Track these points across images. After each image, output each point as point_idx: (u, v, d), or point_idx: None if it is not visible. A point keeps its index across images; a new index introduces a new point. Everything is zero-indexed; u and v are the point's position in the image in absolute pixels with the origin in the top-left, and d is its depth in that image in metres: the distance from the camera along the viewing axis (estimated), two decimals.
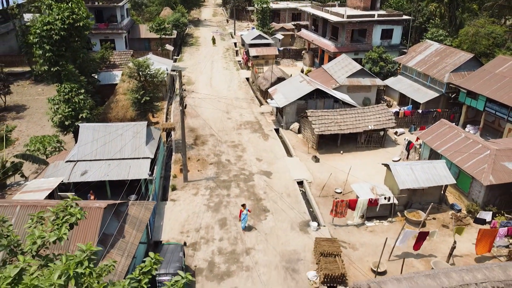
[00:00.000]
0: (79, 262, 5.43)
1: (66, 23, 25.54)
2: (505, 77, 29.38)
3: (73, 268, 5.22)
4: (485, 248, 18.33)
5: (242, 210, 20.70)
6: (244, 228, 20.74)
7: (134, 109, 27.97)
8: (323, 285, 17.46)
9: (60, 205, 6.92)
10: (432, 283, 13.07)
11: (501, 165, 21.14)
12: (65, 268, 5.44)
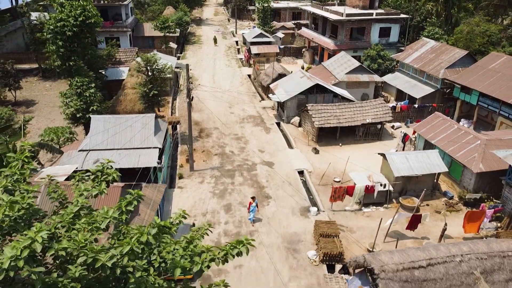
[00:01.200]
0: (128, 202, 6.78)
1: (78, 20, 26.82)
2: (497, 73, 30.65)
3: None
4: (473, 228, 19.59)
5: (251, 202, 21.20)
6: (251, 220, 21.34)
7: (142, 102, 29.23)
8: (322, 263, 18.72)
9: (98, 166, 8.17)
10: (422, 255, 14.33)
11: (490, 154, 22.38)
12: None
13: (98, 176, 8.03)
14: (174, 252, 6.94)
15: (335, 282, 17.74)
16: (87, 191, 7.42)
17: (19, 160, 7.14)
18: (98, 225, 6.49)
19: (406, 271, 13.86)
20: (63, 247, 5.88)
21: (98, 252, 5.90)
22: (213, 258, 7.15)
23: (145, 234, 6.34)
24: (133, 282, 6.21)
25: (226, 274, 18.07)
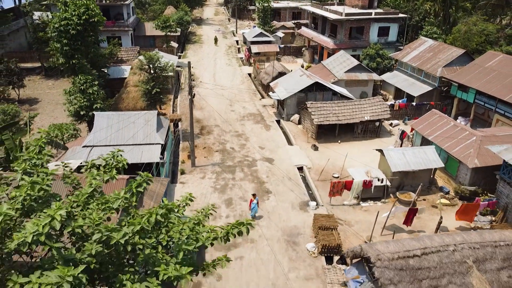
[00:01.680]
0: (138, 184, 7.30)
1: (82, 18, 27.34)
2: (493, 71, 31.17)
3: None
4: (466, 217, 20.12)
5: (252, 200, 21.60)
6: (253, 217, 21.58)
7: (144, 100, 29.75)
8: (321, 255, 19.23)
9: (109, 154, 8.70)
10: (416, 244, 14.86)
11: (486, 149, 22.88)
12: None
13: (109, 163, 8.55)
14: (182, 232, 7.44)
15: (333, 273, 18.25)
16: (99, 176, 7.93)
17: (36, 146, 7.66)
18: (111, 205, 7.00)
19: (401, 260, 14.38)
20: (79, 225, 6.40)
21: (111, 230, 6.42)
22: (216, 237, 7.65)
23: (154, 214, 6.86)
24: (143, 258, 6.73)
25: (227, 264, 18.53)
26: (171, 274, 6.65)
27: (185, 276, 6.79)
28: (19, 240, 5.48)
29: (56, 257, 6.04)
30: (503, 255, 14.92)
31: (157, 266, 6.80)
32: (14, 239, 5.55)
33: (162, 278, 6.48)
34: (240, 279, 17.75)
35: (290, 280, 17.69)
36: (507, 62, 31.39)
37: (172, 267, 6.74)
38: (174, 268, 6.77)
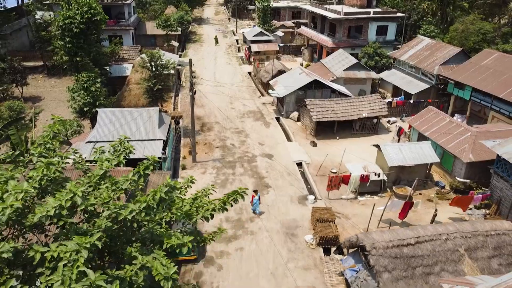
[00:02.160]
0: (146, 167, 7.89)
1: (85, 17, 27.88)
2: (489, 69, 31.69)
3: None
4: (460, 205, 20.72)
5: (254, 196, 21.84)
6: (256, 211, 21.89)
7: (146, 97, 30.30)
8: (319, 246, 19.77)
9: (117, 141, 9.25)
10: (410, 233, 15.40)
11: (480, 144, 23.39)
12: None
13: (117, 149, 9.10)
14: (182, 208, 8.00)
15: (330, 263, 18.80)
16: (108, 161, 8.47)
17: (51, 131, 8.21)
18: (120, 185, 7.55)
19: (395, 248, 14.92)
20: (91, 203, 6.94)
21: (120, 207, 6.96)
22: (214, 208, 8.20)
23: (158, 192, 7.41)
24: (147, 230, 7.29)
25: (227, 255, 19.12)
26: (173, 242, 7.20)
27: (186, 243, 7.30)
28: (42, 213, 6.01)
29: (70, 231, 6.58)
30: (494, 244, 15.46)
31: (161, 237, 7.36)
32: (36, 213, 6.08)
33: (165, 247, 7.04)
34: (240, 269, 18.28)
35: (289, 270, 18.22)
36: (503, 60, 31.92)
37: (174, 237, 7.29)
38: (176, 237, 7.32)
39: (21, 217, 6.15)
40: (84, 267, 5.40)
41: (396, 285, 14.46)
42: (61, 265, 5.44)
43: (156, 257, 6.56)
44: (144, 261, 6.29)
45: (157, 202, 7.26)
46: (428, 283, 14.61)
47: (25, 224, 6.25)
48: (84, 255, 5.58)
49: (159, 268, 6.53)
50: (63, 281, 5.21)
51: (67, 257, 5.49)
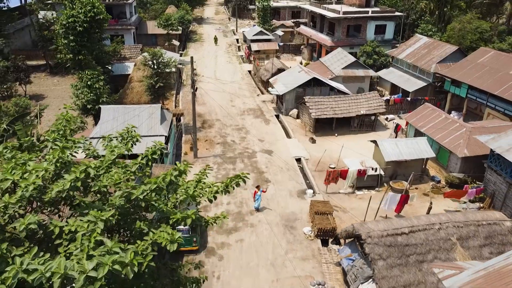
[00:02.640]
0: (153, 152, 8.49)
1: (88, 16, 28.46)
2: (485, 67, 32.27)
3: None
4: (454, 196, 21.36)
5: (256, 191, 22.12)
6: (257, 207, 22.28)
7: (148, 94, 30.87)
8: (317, 238, 20.34)
9: (125, 129, 9.82)
10: (404, 223, 15.97)
11: (475, 140, 23.97)
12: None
13: (125, 137, 9.69)
14: (187, 190, 8.58)
15: (328, 254, 19.36)
16: (117, 148, 9.04)
17: (63, 119, 8.79)
18: (130, 169, 8.13)
19: (390, 237, 15.49)
20: (104, 184, 7.52)
21: (132, 187, 7.55)
22: (217, 191, 8.77)
23: (168, 175, 7.99)
24: (155, 208, 7.89)
25: (228, 246, 19.69)
26: (178, 216, 7.78)
27: (190, 216, 7.85)
28: (59, 188, 6.58)
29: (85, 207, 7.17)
30: (485, 233, 16.02)
31: (167, 215, 7.94)
32: (54, 188, 6.65)
33: (171, 222, 7.63)
34: (240, 260, 18.85)
35: (287, 260, 18.79)
36: (498, 58, 32.49)
37: (179, 214, 7.87)
38: (182, 213, 7.91)
39: (40, 194, 6.72)
40: (101, 236, 5.97)
41: (390, 272, 15.03)
42: (79, 234, 5.99)
43: (163, 230, 7.12)
44: (155, 237, 6.87)
45: (167, 184, 7.83)
46: (421, 271, 15.17)
47: (44, 200, 6.81)
48: (100, 226, 6.13)
49: (165, 236, 7.11)
50: (82, 249, 5.77)
51: (85, 228, 6.05)
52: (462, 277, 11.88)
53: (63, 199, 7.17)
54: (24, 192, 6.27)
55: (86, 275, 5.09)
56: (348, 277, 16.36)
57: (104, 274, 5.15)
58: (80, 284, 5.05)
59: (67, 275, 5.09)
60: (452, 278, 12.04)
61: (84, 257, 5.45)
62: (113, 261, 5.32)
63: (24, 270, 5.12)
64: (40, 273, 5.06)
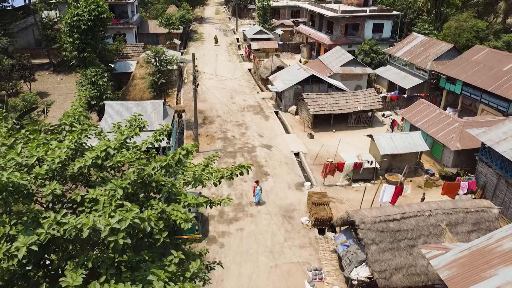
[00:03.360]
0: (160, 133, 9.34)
1: (92, 14, 29.31)
2: (479, 64, 33.08)
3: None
4: (449, 193, 22.06)
5: (255, 186, 22.84)
6: (257, 202, 22.98)
7: (151, 90, 31.72)
8: (314, 227, 21.17)
9: (133, 117, 10.66)
10: (396, 210, 16.81)
11: (467, 134, 24.77)
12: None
13: (133, 124, 10.52)
14: (195, 172, 9.40)
15: (325, 242, 20.20)
16: (126, 132, 9.87)
17: (79, 104, 9.63)
18: (140, 147, 8.97)
19: (382, 223, 16.32)
20: (118, 160, 8.35)
21: (144, 164, 8.39)
22: (222, 176, 9.59)
23: (178, 154, 8.84)
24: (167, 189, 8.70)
25: (229, 235, 20.53)
26: (190, 201, 8.59)
27: (201, 204, 8.70)
28: (81, 164, 7.42)
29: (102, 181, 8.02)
30: (473, 219, 16.85)
31: (178, 196, 8.76)
32: (76, 164, 7.47)
33: (182, 205, 8.42)
34: (240, 247, 19.69)
35: (286, 248, 19.63)
36: (492, 55, 33.30)
37: (190, 196, 8.70)
38: (192, 197, 8.73)
39: (63, 169, 7.53)
40: (120, 201, 6.79)
41: (382, 256, 15.87)
42: (102, 199, 6.82)
43: (174, 208, 7.95)
44: (163, 206, 7.69)
45: (176, 162, 8.67)
46: (412, 255, 16.01)
47: (66, 174, 7.63)
48: (120, 192, 6.96)
49: (179, 215, 7.94)
50: (104, 212, 6.58)
51: (106, 195, 6.88)
52: (447, 256, 12.71)
53: (82, 175, 8.00)
54: (51, 165, 7.10)
55: (111, 227, 5.93)
56: (343, 262, 17.19)
57: (126, 226, 5.98)
58: (105, 234, 5.89)
59: (95, 227, 5.93)
60: (438, 258, 12.87)
61: (107, 216, 6.29)
62: (133, 216, 6.16)
63: (57, 223, 5.95)
64: (72, 225, 5.89)
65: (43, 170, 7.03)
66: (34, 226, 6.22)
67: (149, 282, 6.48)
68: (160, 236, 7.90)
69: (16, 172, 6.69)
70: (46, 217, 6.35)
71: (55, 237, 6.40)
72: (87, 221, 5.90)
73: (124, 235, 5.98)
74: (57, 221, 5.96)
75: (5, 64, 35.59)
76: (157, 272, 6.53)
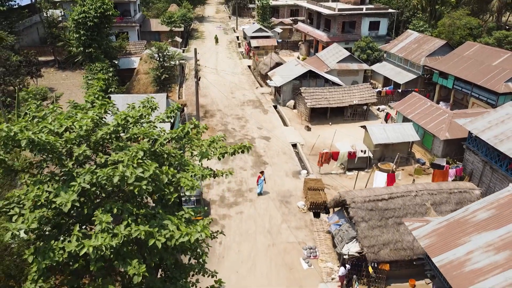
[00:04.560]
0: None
1: (98, 11, 30.62)
2: (470, 59, 34.36)
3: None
4: (439, 180, 23.35)
5: (260, 176, 23.66)
6: (259, 193, 23.73)
7: (154, 85, 33.02)
8: (310, 210, 22.47)
9: (146, 99, 11.96)
10: (385, 191, 18.10)
11: (456, 124, 26.06)
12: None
13: (146, 105, 11.83)
14: (201, 147, 10.70)
15: (319, 224, 21.49)
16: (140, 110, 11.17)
17: (97, 86, 10.92)
18: (153, 123, 10.29)
19: (371, 202, 17.61)
20: (134, 132, 9.66)
21: (157, 135, 9.70)
22: (226, 151, 10.88)
23: (186, 127, 10.13)
24: (178, 160, 10.01)
25: (229, 217, 21.83)
26: (197, 172, 9.90)
27: (206, 175, 10.01)
28: (104, 131, 8.71)
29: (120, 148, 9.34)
30: (456, 199, 18.13)
31: (187, 166, 10.07)
32: (99, 132, 8.77)
33: (190, 175, 9.75)
34: (240, 228, 21.00)
35: (283, 229, 20.93)
36: (483, 51, 34.58)
37: (197, 168, 10.01)
38: (199, 169, 10.04)
39: (88, 136, 8.82)
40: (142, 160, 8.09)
41: (371, 232, 17.15)
42: (126, 157, 8.09)
43: (183, 176, 9.25)
44: (174, 172, 8.99)
45: (184, 134, 9.97)
46: (398, 231, 17.29)
47: (91, 141, 8.92)
48: (140, 153, 8.25)
49: (186, 181, 9.23)
50: (127, 167, 7.84)
51: (129, 154, 8.17)
52: (427, 227, 14.01)
53: (103, 144, 9.30)
54: (79, 131, 8.41)
55: (136, 175, 7.23)
56: (336, 239, 18.47)
57: (149, 175, 7.29)
58: (132, 180, 7.19)
59: (123, 174, 7.23)
60: (419, 229, 14.17)
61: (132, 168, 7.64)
62: (154, 168, 7.45)
63: (91, 172, 7.24)
64: (104, 173, 7.19)
65: (72, 135, 8.33)
66: (69, 180, 7.51)
67: (163, 227, 7.77)
68: (171, 196, 9.25)
69: (51, 136, 7.99)
70: (80, 173, 7.64)
71: (85, 189, 7.69)
72: (117, 170, 7.20)
73: (146, 182, 7.28)
74: (92, 171, 7.25)
75: (13, 60, 36.86)
76: (171, 218, 7.82)
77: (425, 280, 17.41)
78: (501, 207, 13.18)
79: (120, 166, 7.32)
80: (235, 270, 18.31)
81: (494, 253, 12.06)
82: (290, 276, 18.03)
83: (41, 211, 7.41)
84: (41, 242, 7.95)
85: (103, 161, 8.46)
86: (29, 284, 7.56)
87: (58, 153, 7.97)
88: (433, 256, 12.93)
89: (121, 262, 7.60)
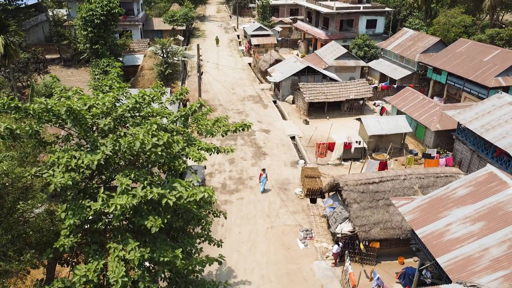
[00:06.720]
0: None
1: (105, 9, 31.96)
2: (462, 55, 35.64)
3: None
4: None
5: (262, 174, 24.08)
6: (262, 191, 24.07)
7: (158, 80, 34.35)
8: (306, 197, 23.77)
9: (155, 84, 13.29)
10: (376, 175, 19.40)
11: (446, 116, 27.35)
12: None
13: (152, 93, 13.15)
14: (207, 125, 12.03)
15: (315, 209, 22.80)
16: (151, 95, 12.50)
17: (114, 72, 12.25)
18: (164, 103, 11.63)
19: (363, 185, 18.92)
20: (147, 111, 10.98)
21: (168, 113, 11.02)
22: (228, 129, 12.18)
23: (194, 106, 11.46)
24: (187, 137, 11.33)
25: (230, 203, 23.14)
26: (203, 146, 11.23)
27: (211, 149, 11.33)
28: (122, 108, 10.04)
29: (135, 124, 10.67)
30: (443, 183, 19.38)
31: (195, 141, 11.41)
32: (119, 108, 10.10)
33: (200, 148, 11.09)
34: (241, 212, 22.32)
35: (281, 213, 22.24)
36: (475, 47, 35.86)
37: (203, 142, 11.34)
38: (204, 143, 11.37)
39: (109, 113, 10.14)
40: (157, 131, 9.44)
41: (363, 213, 18.44)
42: (141, 130, 9.38)
43: (191, 150, 10.58)
44: (183, 145, 10.33)
45: (192, 112, 11.30)
46: (388, 212, 18.57)
47: (112, 116, 10.25)
48: (154, 126, 9.55)
49: (195, 154, 10.56)
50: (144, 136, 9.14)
51: (145, 127, 9.49)
52: (412, 204, 15.31)
53: (121, 120, 10.62)
54: (102, 107, 9.75)
55: (153, 142, 8.57)
56: (330, 220, 19.77)
57: (163, 142, 8.64)
58: (149, 147, 8.54)
59: (142, 142, 8.58)
60: (405, 206, 15.47)
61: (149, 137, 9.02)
62: (168, 137, 8.81)
63: (115, 140, 8.58)
64: (126, 142, 8.54)
65: (98, 110, 9.68)
66: (94, 149, 8.85)
67: (174, 188, 9.09)
68: (180, 167, 10.59)
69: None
70: (103, 143, 8.97)
71: (107, 157, 9.02)
72: (137, 137, 8.57)
73: (161, 150, 8.63)
74: (115, 139, 8.59)
75: (21, 57, 38.19)
76: (180, 181, 9.15)
77: (413, 258, 18.70)
78: (479, 185, 14.47)
79: (140, 135, 8.65)
80: (236, 249, 19.61)
81: (470, 224, 13.35)
82: (287, 255, 19.33)
83: (71, 174, 8.73)
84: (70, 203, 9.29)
85: (123, 134, 9.79)
86: (63, 239, 8.88)
87: (86, 125, 9.30)
88: (416, 229, 14.23)
89: (139, 218, 8.93)
